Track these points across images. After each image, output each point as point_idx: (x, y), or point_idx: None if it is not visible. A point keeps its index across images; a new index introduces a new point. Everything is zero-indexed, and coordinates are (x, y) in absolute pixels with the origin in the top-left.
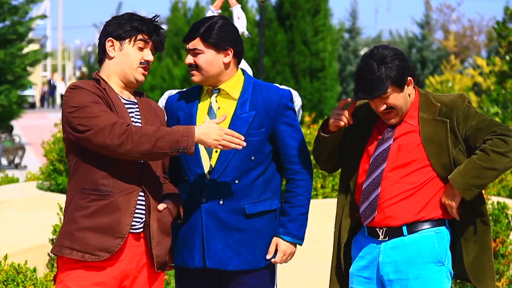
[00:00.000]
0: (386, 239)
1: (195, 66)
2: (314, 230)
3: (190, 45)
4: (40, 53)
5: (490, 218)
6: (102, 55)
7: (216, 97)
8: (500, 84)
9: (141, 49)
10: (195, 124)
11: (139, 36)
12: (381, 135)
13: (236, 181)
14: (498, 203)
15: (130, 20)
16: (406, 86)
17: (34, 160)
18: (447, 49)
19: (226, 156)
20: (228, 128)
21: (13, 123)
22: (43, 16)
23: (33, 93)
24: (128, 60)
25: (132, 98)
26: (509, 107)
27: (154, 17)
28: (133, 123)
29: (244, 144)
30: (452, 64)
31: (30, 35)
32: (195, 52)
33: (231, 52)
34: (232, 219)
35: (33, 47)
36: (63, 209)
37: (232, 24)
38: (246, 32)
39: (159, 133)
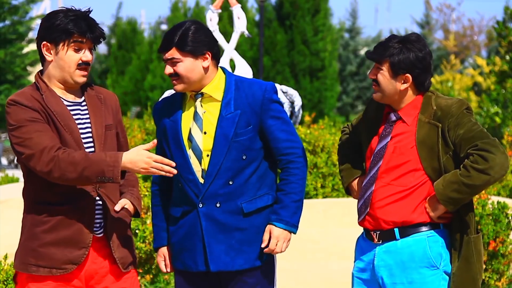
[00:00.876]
0: (380, 242)
1: (176, 75)
2: (314, 230)
3: (168, 55)
4: None
5: (490, 218)
6: (40, 57)
7: (200, 101)
8: (500, 83)
9: (77, 50)
10: (181, 131)
11: (73, 39)
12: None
13: (230, 182)
14: (498, 203)
15: (63, 21)
16: (401, 80)
17: None
18: (447, 48)
19: (217, 159)
20: (216, 130)
21: None
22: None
23: None
24: (65, 64)
25: (78, 98)
26: (509, 107)
27: (86, 12)
28: (80, 125)
29: (175, 171)
30: (452, 64)
31: (30, 34)
32: (173, 62)
33: (209, 55)
34: (231, 219)
35: (33, 46)
36: None
37: (205, 27)
38: (246, 32)
39: (86, 162)
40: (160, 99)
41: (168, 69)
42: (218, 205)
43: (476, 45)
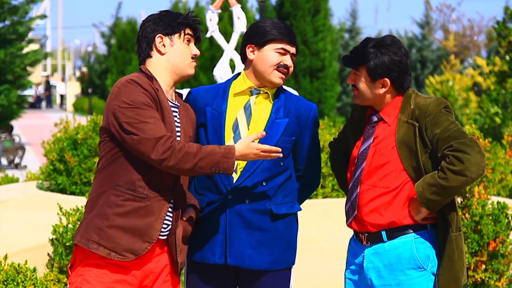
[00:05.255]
0: (369, 244)
1: (288, 69)
2: (314, 230)
3: (294, 50)
4: (40, 53)
5: (490, 218)
6: (148, 51)
7: (255, 97)
8: (500, 84)
9: (188, 43)
10: (224, 123)
11: (187, 31)
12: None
13: (264, 183)
14: (498, 203)
15: (174, 16)
16: (379, 84)
17: (34, 160)
18: (447, 49)
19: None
20: (264, 131)
21: (13, 123)
22: (43, 16)
23: (33, 92)
24: (181, 55)
25: (175, 101)
26: (509, 107)
27: (189, 12)
28: (175, 126)
29: (281, 155)
30: (452, 64)
31: (30, 35)
32: (292, 56)
33: None
34: (256, 219)
35: (33, 47)
36: (63, 209)
37: None
38: None
39: (201, 153)
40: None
41: (291, 62)
42: (247, 201)
43: (476, 45)
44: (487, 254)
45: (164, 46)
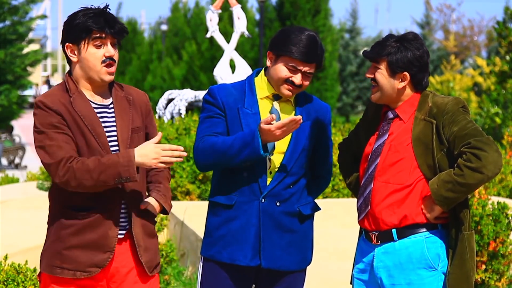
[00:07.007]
0: (379, 243)
1: (300, 87)
2: (314, 230)
3: (308, 69)
4: (40, 53)
5: (490, 218)
6: (67, 59)
7: (278, 103)
8: (500, 84)
9: (99, 46)
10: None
11: (92, 35)
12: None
13: (291, 186)
14: (498, 203)
15: (81, 20)
16: (398, 78)
17: (34, 160)
18: (447, 49)
19: (289, 161)
20: (292, 136)
21: (13, 123)
22: (43, 16)
23: (34, 92)
24: (89, 62)
25: (106, 101)
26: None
27: (104, 8)
28: (106, 128)
29: (185, 154)
30: (452, 64)
31: (30, 35)
32: (307, 75)
33: None
34: (287, 220)
35: (33, 47)
36: None
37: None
38: (246, 32)
39: (100, 167)
40: (160, 99)
41: (299, 80)
42: (278, 204)
43: (476, 45)
44: (487, 254)
45: (75, 55)
